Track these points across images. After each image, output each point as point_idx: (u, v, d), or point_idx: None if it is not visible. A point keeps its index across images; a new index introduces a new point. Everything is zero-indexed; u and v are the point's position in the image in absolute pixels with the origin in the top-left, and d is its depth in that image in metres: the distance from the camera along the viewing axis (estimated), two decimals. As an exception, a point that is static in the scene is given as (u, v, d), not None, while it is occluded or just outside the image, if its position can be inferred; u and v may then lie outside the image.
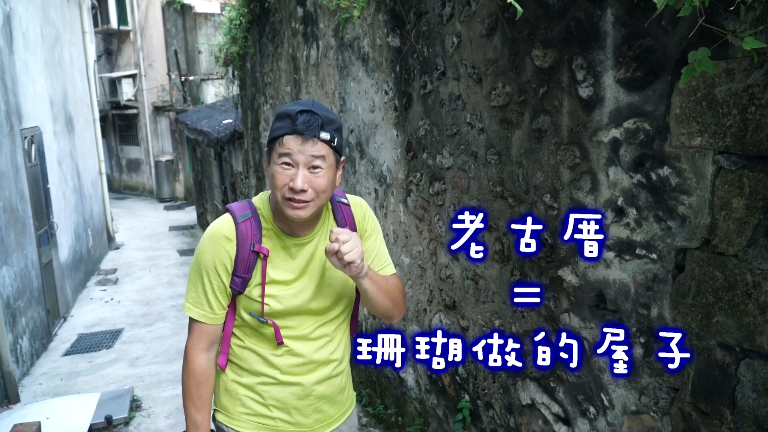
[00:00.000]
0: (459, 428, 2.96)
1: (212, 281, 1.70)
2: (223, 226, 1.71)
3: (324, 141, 1.60)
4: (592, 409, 2.08)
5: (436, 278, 3.15)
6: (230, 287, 1.71)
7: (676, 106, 1.60)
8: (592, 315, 2.02)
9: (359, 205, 1.86)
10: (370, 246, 1.86)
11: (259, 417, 1.80)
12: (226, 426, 1.83)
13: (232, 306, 1.76)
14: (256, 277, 1.70)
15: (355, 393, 2.01)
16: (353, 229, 1.81)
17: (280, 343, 1.74)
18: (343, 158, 1.71)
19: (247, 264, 1.68)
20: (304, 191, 1.59)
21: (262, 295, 1.70)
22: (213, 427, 1.83)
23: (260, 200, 1.77)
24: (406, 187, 3.38)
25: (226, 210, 1.76)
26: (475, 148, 2.62)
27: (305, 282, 1.74)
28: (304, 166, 1.59)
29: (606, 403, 2.00)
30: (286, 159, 1.59)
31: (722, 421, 1.57)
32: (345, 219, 1.81)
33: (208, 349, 1.76)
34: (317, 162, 1.59)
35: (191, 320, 1.75)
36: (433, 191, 3.05)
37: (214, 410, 1.86)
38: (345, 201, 1.83)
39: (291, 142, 1.58)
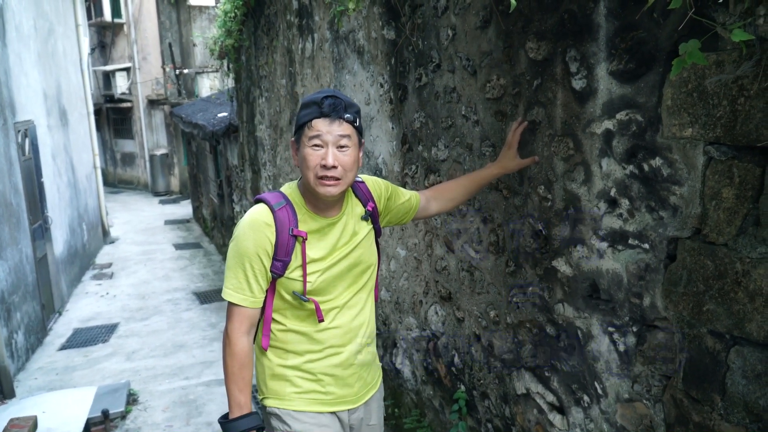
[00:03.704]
0: (455, 418, 2.98)
1: (254, 266, 1.82)
2: (262, 213, 1.84)
3: (348, 121, 1.80)
4: (585, 398, 2.10)
5: (432, 270, 3.17)
6: (271, 271, 1.83)
7: (668, 97, 1.62)
8: (586, 305, 2.04)
9: (371, 180, 2.11)
10: (395, 198, 2.14)
11: (312, 393, 1.92)
12: (279, 408, 1.92)
13: (271, 291, 1.89)
14: (295, 260, 1.84)
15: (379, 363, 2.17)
16: (374, 202, 2.05)
17: (321, 321, 1.88)
18: (363, 141, 1.88)
19: (286, 248, 1.82)
20: (334, 167, 1.77)
21: (304, 275, 1.83)
22: (262, 416, 1.91)
23: (289, 189, 1.92)
24: (401, 180, 3.39)
25: (257, 201, 1.89)
26: (470, 140, 2.64)
27: (339, 256, 1.89)
28: (332, 145, 1.77)
29: (600, 391, 2.03)
30: (316, 141, 1.77)
31: (713, 408, 1.60)
32: (365, 195, 2.04)
33: (249, 332, 1.88)
34: (344, 141, 1.78)
35: (231, 306, 1.86)
36: (429, 183, 3.07)
37: (263, 398, 1.96)
38: (360, 180, 2.08)
39: (319, 124, 1.77)
